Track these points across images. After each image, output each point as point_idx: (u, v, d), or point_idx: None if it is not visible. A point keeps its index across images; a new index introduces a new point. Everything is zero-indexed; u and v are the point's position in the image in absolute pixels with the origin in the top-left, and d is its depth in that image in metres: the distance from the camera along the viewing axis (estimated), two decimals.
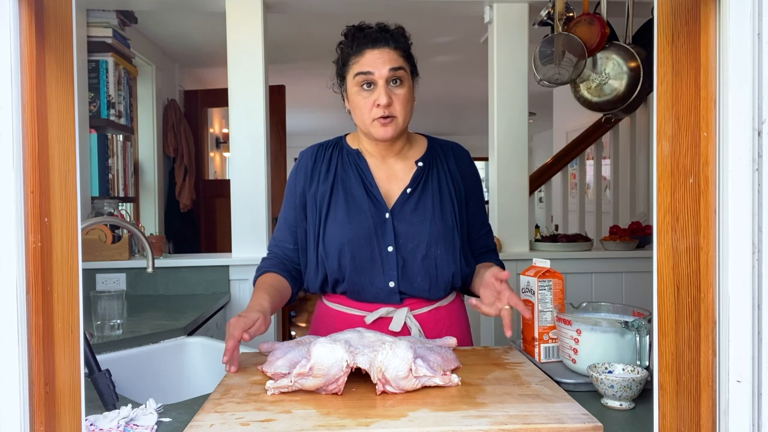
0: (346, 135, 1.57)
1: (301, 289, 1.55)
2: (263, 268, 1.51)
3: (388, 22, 1.44)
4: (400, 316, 1.43)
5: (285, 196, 1.55)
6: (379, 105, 1.37)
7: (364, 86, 1.38)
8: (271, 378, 1.12)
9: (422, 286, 1.44)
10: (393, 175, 1.49)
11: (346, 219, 1.43)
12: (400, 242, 1.43)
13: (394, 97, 1.38)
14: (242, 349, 1.52)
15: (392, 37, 1.39)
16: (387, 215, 1.44)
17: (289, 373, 1.07)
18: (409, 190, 1.46)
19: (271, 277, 1.48)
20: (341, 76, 1.46)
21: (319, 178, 1.48)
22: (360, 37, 1.39)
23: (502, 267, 1.59)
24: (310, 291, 1.51)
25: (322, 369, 1.02)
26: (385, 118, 1.38)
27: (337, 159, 1.50)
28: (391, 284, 1.43)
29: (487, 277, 1.32)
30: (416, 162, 1.50)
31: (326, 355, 1.02)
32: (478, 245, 1.57)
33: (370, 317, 1.43)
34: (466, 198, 1.53)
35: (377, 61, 1.37)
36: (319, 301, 1.56)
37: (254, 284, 1.47)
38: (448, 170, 1.51)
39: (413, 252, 1.43)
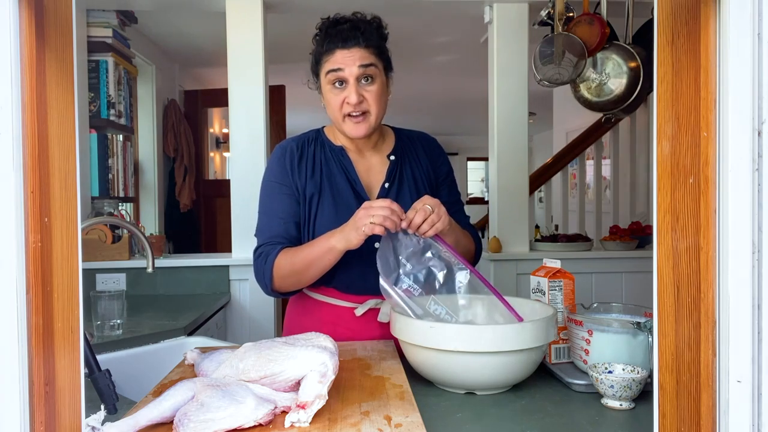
0: (323, 128, 1.57)
1: None
2: (274, 251, 1.42)
3: (363, 12, 1.44)
4: (387, 308, 1.43)
5: (273, 187, 1.48)
6: (349, 103, 1.39)
7: (336, 84, 1.40)
8: None
9: None
10: (371, 168, 1.51)
11: (334, 217, 1.43)
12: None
13: (366, 93, 1.40)
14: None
15: (363, 36, 1.39)
16: None
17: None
18: (387, 185, 1.49)
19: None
20: (315, 74, 1.47)
21: (306, 175, 1.48)
22: (332, 35, 1.40)
23: (476, 237, 1.60)
24: None
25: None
26: (357, 115, 1.40)
27: (320, 156, 1.50)
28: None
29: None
30: (388, 156, 1.52)
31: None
32: None
33: (360, 309, 1.45)
34: (438, 184, 1.56)
35: (347, 60, 1.38)
36: (299, 293, 1.52)
37: (271, 269, 1.40)
38: (419, 160, 1.55)
39: None
